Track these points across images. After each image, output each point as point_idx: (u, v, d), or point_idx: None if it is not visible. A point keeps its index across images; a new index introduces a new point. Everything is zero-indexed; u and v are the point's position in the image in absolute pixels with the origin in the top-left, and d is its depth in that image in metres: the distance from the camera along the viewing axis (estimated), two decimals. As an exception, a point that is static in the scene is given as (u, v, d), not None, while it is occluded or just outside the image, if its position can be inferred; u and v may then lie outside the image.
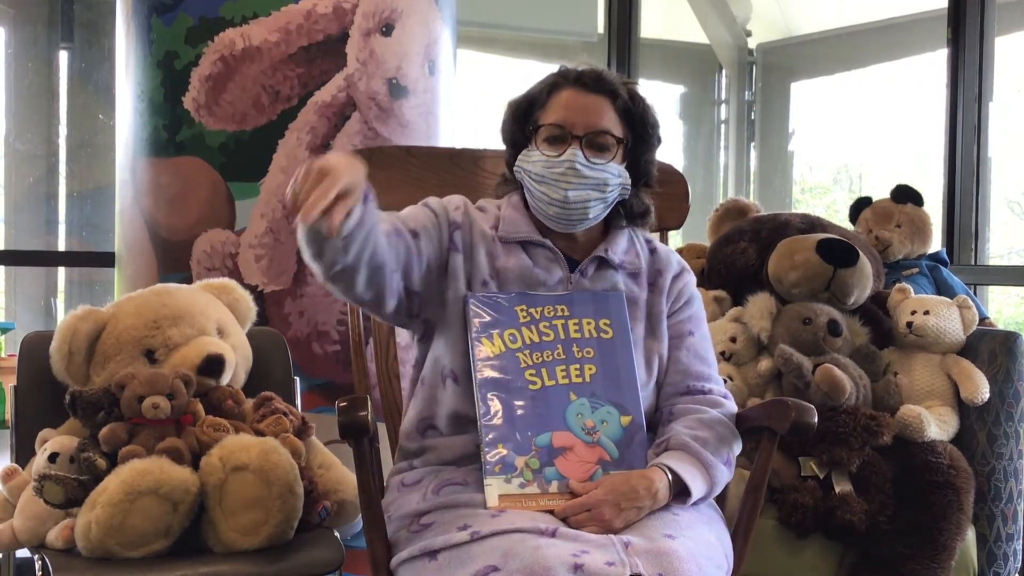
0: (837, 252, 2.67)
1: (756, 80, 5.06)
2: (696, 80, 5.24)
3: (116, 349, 2.26)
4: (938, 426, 2.56)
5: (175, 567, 1.99)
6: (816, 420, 1.83)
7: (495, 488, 1.74)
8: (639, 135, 1.93)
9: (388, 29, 2.80)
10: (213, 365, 2.24)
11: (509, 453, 1.77)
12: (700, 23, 5.13)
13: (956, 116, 3.72)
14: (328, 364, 2.74)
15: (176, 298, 2.35)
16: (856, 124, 4.89)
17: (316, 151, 2.72)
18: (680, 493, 1.79)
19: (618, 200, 1.94)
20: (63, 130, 4.17)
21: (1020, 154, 4.08)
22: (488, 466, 1.76)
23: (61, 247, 4.17)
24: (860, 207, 3.22)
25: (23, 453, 2.25)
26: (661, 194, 2.28)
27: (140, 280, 2.75)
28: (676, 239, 3.92)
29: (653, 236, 2.09)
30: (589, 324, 1.88)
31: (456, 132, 3.04)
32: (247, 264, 2.72)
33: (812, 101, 5.10)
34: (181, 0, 2.71)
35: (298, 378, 2.48)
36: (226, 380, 2.29)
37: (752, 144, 5.10)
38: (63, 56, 4.16)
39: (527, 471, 1.76)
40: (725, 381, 2.28)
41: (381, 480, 2.01)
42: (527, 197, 1.95)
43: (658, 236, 2.30)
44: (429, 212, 1.92)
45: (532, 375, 1.83)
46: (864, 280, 2.71)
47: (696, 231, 3.81)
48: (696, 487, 1.79)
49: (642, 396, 1.87)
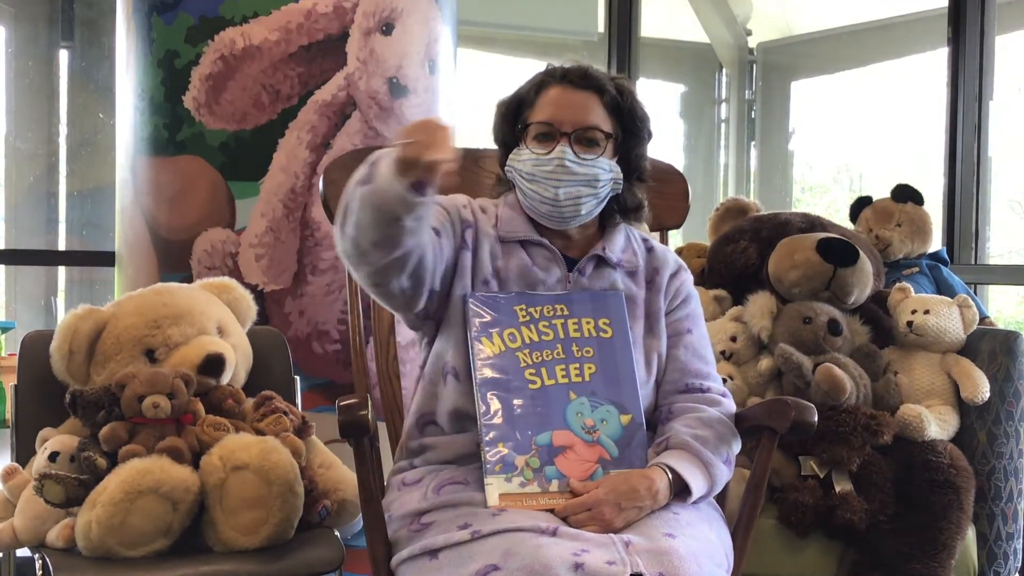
0: (837, 251, 2.66)
1: (756, 79, 5.06)
2: (696, 79, 5.24)
3: (116, 348, 2.26)
4: (938, 425, 2.56)
5: (175, 566, 1.99)
6: (816, 419, 1.83)
7: (495, 487, 1.74)
8: (628, 129, 1.93)
9: (388, 28, 2.80)
10: (213, 364, 2.24)
11: (509, 452, 1.77)
12: (700, 22, 5.13)
13: (956, 115, 3.72)
14: (328, 363, 2.74)
15: (176, 297, 2.34)
16: (856, 123, 4.89)
17: (316, 150, 2.72)
18: (680, 492, 1.79)
19: (611, 195, 1.94)
20: (63, 129, 4.17)
21: (1020, 153, 4.08)
22: (488, 465, 1.75)
23: (61, 246, 4.17)
24: (860, 206, 3.22)
25: (23, 452, 2.25)
26: (661, 193, 2.28)
27: (140, 279, 2.75)
28: (676, 238, 3.91)
29: (651, 235, 2.09)
30: (588, 323, 1.88)
31: (456, 131, 3.02)
32: (247, 263, 2.72)
33: (812, 100, 5.10)
34: (181, -1, 2.72)
35: (298, 377, 2.48)
36: (226, 379, 2.29)
37: (752, 143, 5.09)
38: (63, 55, 4.16)
39: (527, 470, 1.76)
40: (725, 380, 2.28)
41: (381, 479, 2.01)
42: (519, 197, 1.95)
43: (658, 235, 2.30)
44: (442, 210, 1.91)
45: (532, 374, 1.83)
46: (864, 279, 2.70)
47: (696, 230, 3.82)
48: (696, 486, 1.79)
49: (641, 394, 1.87)
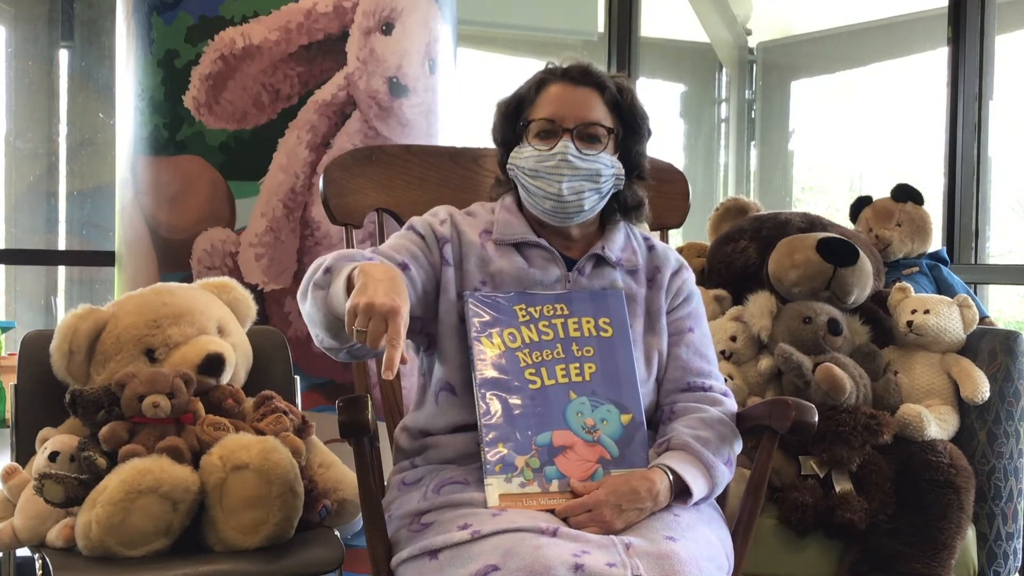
0: (837, 251, 2.66)
1: (756, 79, 5.06)
2: (696, 79, 5.24)
3: (116, 348, 2.26)
4: (938, 425, 2.56)
5: (175, 566, 1.99)
6: (816, 419, 1.83)
7: (495, 487, 1.73)
8: (628, 126, 1.93)
9: (388, 28, 2.80)
10: (213, 364, 2.24)
11: (509, 452, 1.76)
12: (700, 22, 5.13)
13: (956, 115, 3.72)
14: (328, 363, 2.74)
15: (176, 297, 2.34)
16: (857, 123, 4.89)
17: (316, 150, 2.72)
18: (681, 494, 1.79)
19: (612, 192, 1.94)
20: (63, 129, 4.17)
21: (1021, 153, 4.08)
22: (488, 465, 1.75)
23: (61, 246, 4.17)
24: (860, 206, 3.22)
25: (23, 452, 2.25)
26: (661, 193, 2.27)
27: (140, 279, 2.75)
28: (676, 238, 3.91)
29: (652, 234, 2.09)
30: (588, 323, 1.87)
31: (456, 131, 3.03)
32: (247, 263, 2.72)
33: (812, 100, 5.10)
34: (181, -1, 2.72)
35: (298, 377, 2.48)
36: (226, 379, 2.29)
37: (752, 143, 5.09)
38: (63, 55, 4.16)
39: (527, 470, 1.76)
40: (725, 380, 2.27)
41: (381, 479, 2.01)
42: (521, 194, 1.94)
43: (658, 235, 2.30)
44: (415, 236, 1.92)
45: (532, 374, 1.83)
46: (864, 279, 2.70)
47: (696, 230, 3.81)
48: (697, 488, 1.79)
49: (642, 393, 1.87)
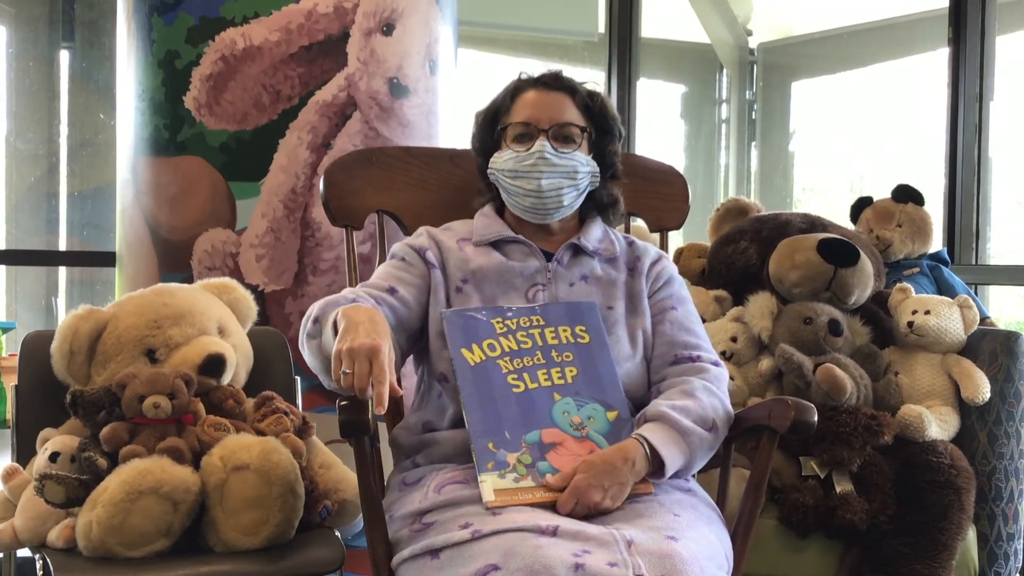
0: (838, 252, 2.66)
1: (757, 79, 5.06)
2: (697, 79, 5.24)
3: (117, 349, 2.26)
4: (939, 426, 2.56)
5: (176, 567, 1.98)
6: (817, 419, 1.83)
7: (490, 483, 1.74)
8: (601, 127, 2.06)
9: (389, 28, 2.80)
10: (214, 364, 2.24)
11: (500, 451, 1.78)
12: (701, 22, 5.13)
13: (957, 115, 3.72)
14: (329, 364, 2.74)
15: (177, 298, 2.34)
16: (857, 123, 4.89)
17: (317, 151, 2.72)
18: (657, 463, 1.81)
19: (589, 189, 2.04)
20: (64, 129, 4.17)
21: (1021, 153, 4.08)
22: (480, 463, 1.76)
23: (62, 247, 4.17)
24: (861, 207, 3.22)
25: (24, 452, 2.25)
26: (661, 194, 2.28)
27: (141, 280, 2.75)
28: (677, 239, 3.91)
29: (653, 236, 2.14)
30: (565, 331, 1.92)
31: (457, 132, 3.03)
32: (248, 264, 2.72)
33: (813, 100, 5.10)
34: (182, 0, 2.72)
35: (299, 377, 2.48)
36: (227, 380, 2.29)
37: (753, 143, 5.09)
38: (64, 55, 4.16)
39: (520, 466, 1.77)
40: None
41: (382, 479, 2.01)
42: (503, 196, 2.05)
43: (658, 236, 2.31)
44: (396, 261, 2.03)
45: (514, 379, 1.86)
46: (865, 280, 2.70)
47: (697, 231, 3.82)
48: (671, 457, 1.80)
49: (628, 368, 1.92)
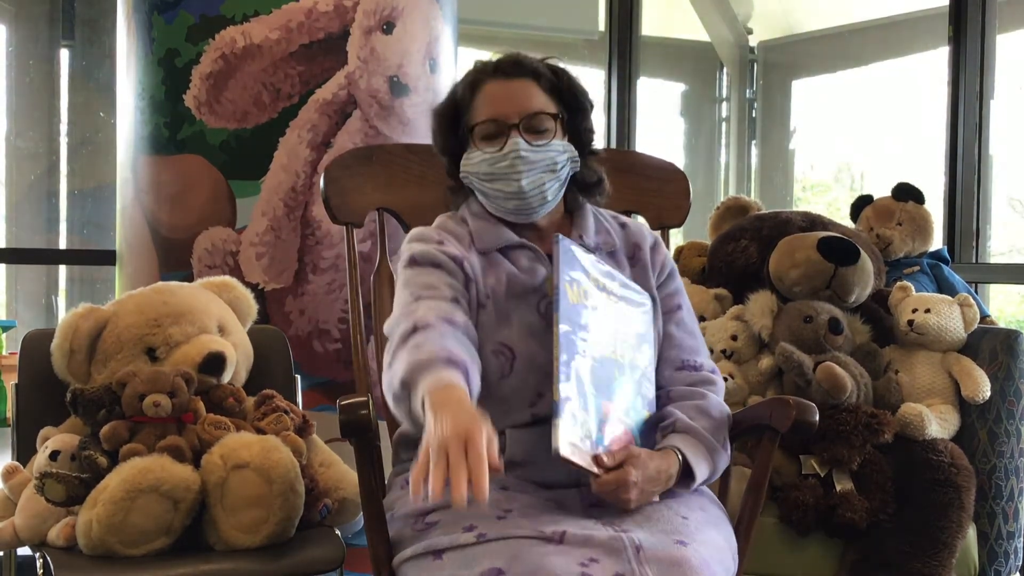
0: (838, 250, 2.66)
1: (757, 78, 5.06)
2: (697, 78, 5.23)
3: (117, 347, 2.26)
4: (939, 424, 2.56)
5: (176, 565, 1.99)
6: (817, 418, 1.83)
7: (565, 432, 1.61)
8: (571, 106, 1.90)
9: (389, 27, 2.80)
10: (214, 363, 2.24)
11: (577, 402, 1.68)
12: (701, 21, 5.12)
13: (957, 114, 3.72)
14: (329, 362, 2.74)
15: (177, 296, 2.34)
16: (857, 122, 4.88)
17: (317, 149, 2.72)
18: (684, 476, 1.79)
19: (571, 175, 1.91)
20: (64, 128, 4.17)
21: (1021, 152, 4.07)
22: (560, 406, 1.63)
23: (62, 245, 4.17)
24: (861, 205, 3.21)
25: (24, 451, 2.25)
26: (662, 192, 2.28)
27: (141, 278, 2.75)
28: (677, 237, 3.91)
29: (620, 214, 2.06)
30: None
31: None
32: (248, 262, 2.72)
33: (813, 99, 5.10)
34: (182, -2, 2.72)
35: (299, 376, 2.48)
36: (227, 378, 2.29)
37: (753, 142, 5.09)
38: (64, 54, 4.16)
39: (586, 426, 1.69)
40: (726, 379, 2.28)
41: (382, 478, 2.01)
42: (481, 200, 1.91)
43: (659, 233, 2.30)
44: (443, 275, 1.83)
45: (596, 340, 1.75)
46: (865, 278, 2.70)
47: (697, 229, 3.82)
48: (700, 473, 1.79)
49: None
